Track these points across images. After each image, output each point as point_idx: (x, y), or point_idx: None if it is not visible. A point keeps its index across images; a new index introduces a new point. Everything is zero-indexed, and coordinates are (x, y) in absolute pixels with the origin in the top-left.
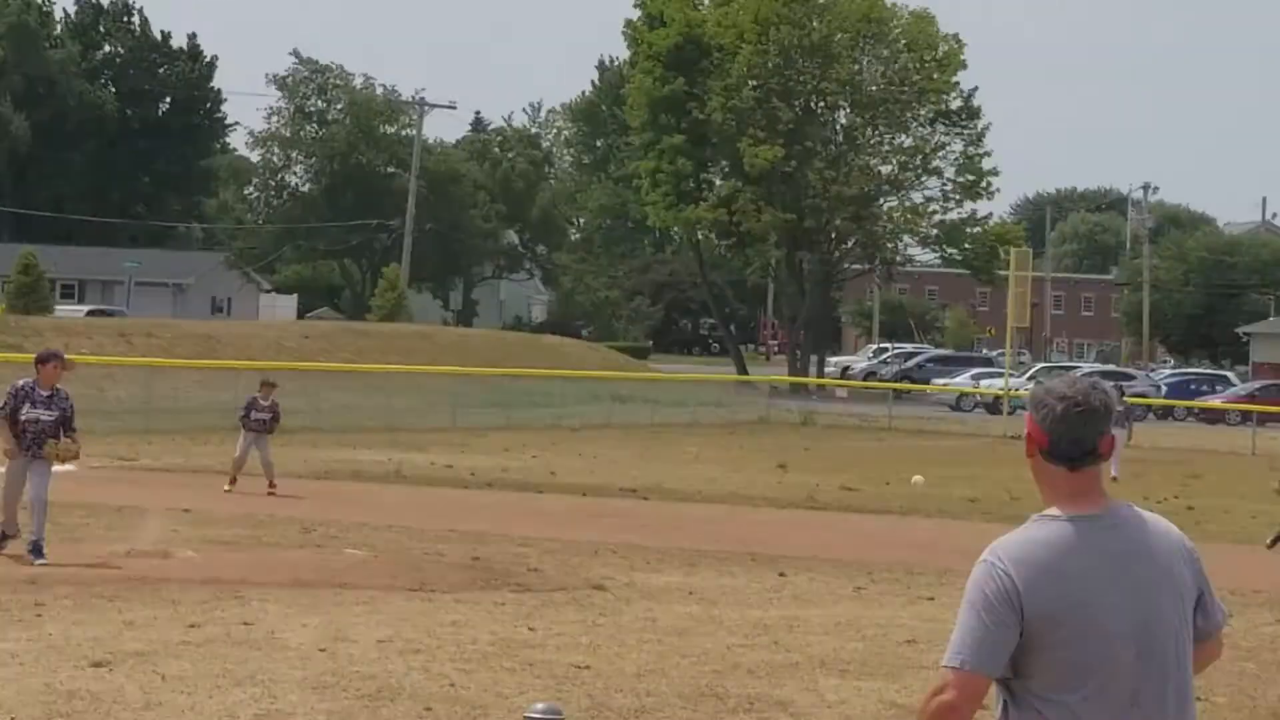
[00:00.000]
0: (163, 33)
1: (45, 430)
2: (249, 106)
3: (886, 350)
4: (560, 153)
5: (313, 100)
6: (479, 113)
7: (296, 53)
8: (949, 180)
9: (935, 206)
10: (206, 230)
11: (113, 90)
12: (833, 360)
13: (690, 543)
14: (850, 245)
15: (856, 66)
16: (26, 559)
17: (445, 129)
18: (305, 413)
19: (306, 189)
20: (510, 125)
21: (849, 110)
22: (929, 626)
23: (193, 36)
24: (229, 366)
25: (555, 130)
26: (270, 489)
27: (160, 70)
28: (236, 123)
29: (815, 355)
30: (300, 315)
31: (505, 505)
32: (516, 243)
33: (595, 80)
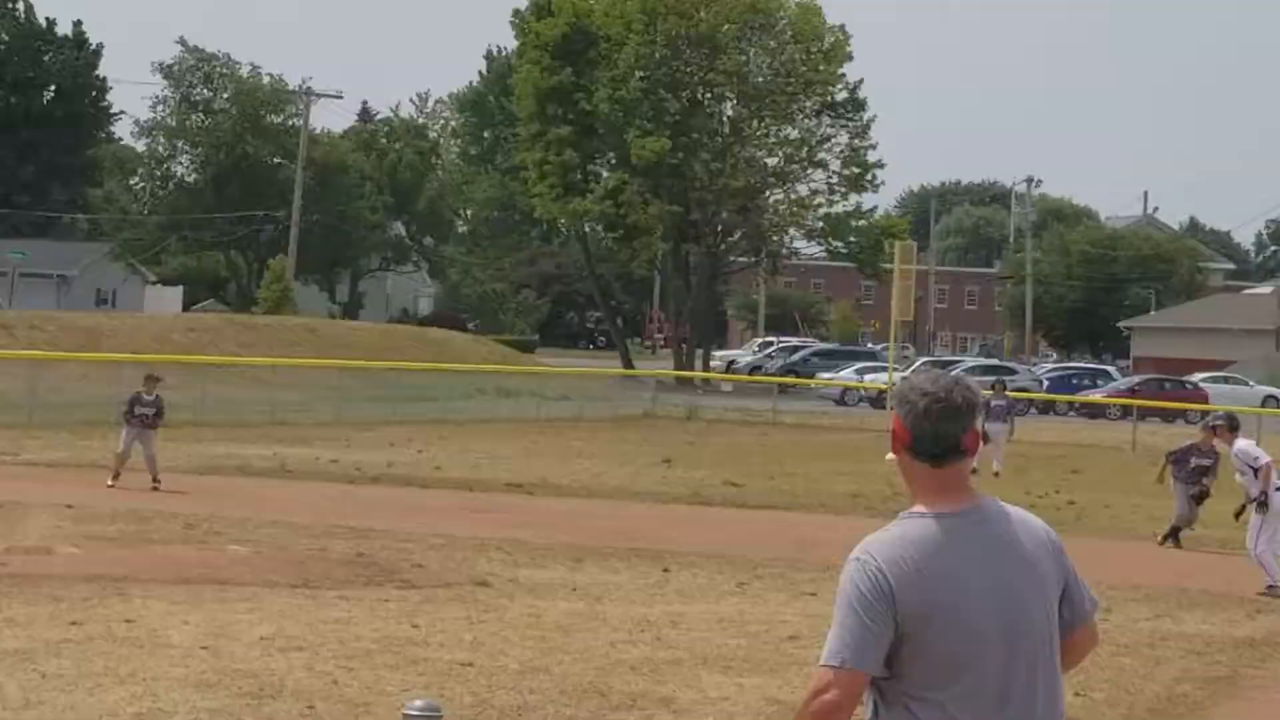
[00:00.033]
0: (47, 20)
1: None
2: (135, 95)
3: (772, 344)
4: (447, 144)
5: (199, 89)
6: (366, 103)
7: (183, 41)
8: (834, 173)
9: (821, 199)
10: (91, 221)
11: None
12: (718, 354)
13: (575, 538)
14: (736, 238)
15: (743, 58)
16: None
17: (332, 119)
18: (190, 407)
19: (192, 179)
20: (397, 116)
21: (735, 102)
22: (811, 622)
23: (78, 24)
24: (114, 360)
25: (442, 121)
26: (154, 484)
27: (44, 58)
28: (122, 112)
29: (701, 349)
30: (186, 308)
31: (390, 501)
32: (403, 234)
33: (483, 70)
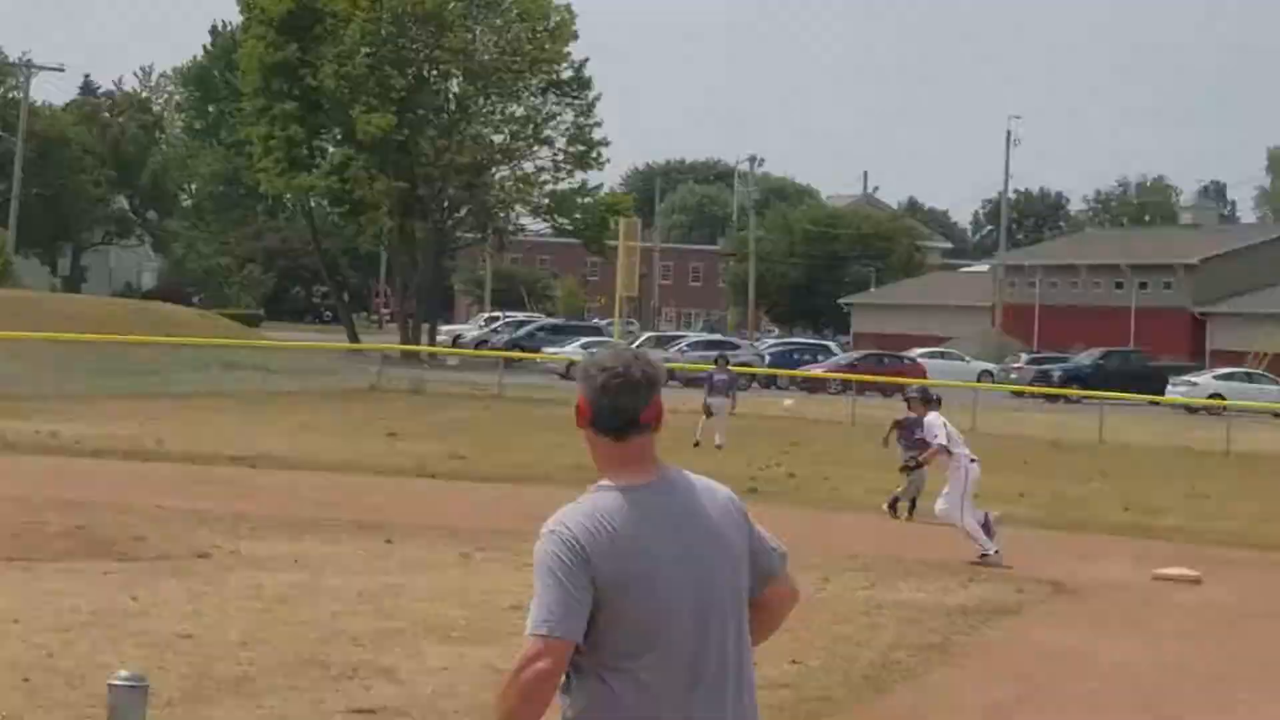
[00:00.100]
0: None
1: None
2: None
3: (498, 319)
4: (172, 118)
5: None
6: (88, 76)
7: None
8: (560, 150)
9: (547, 176)
10: None
11: None
12: (444, 329)
13: (298, 511)
14: (463, 214)
15: (470, 35)
16: None
17: (53, 92)
18: None
19: None
20: (121, 89)
21: (462, 79)
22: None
23: None
24: None
25: (167, 95)
26: None
27: None
28: None
29: (427, 324)
30: None
31: (111, 473)
32: (127, 208)
33: (208, 45)
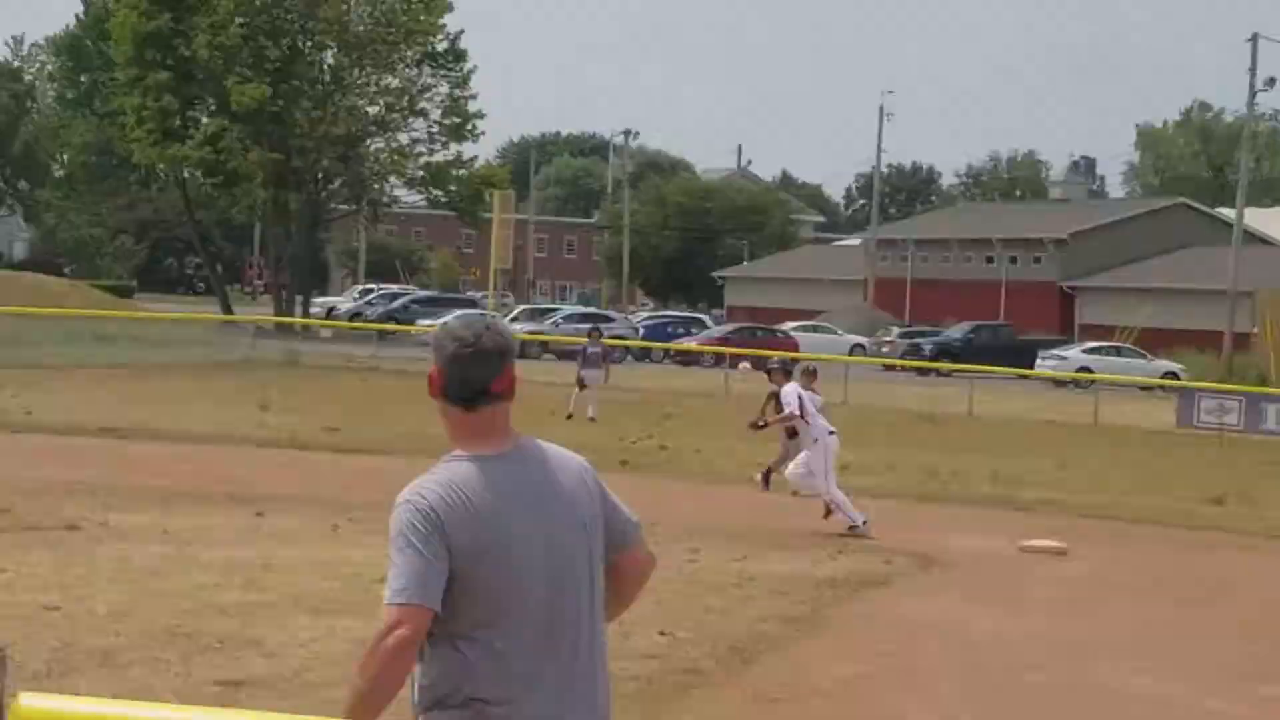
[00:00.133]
0: None
1: None
2: None
3: (372, 291)
4: (44, 87)
5: None
6: None
7: None
8: (435, 122)
9: (421, 148)
10: None
11: None
12: (319, 301)
13: (168, 483)
14: (337, 186)
15: (344, 6)
16: None
17: None
18: None
19: None
20: None
21: (336, 50)
22: None
23: None
24: None
25: (39, 65)
26: None
27: None
28: None
29: (301, 296)
30: None
31: None
32: None
33: (80, 14)
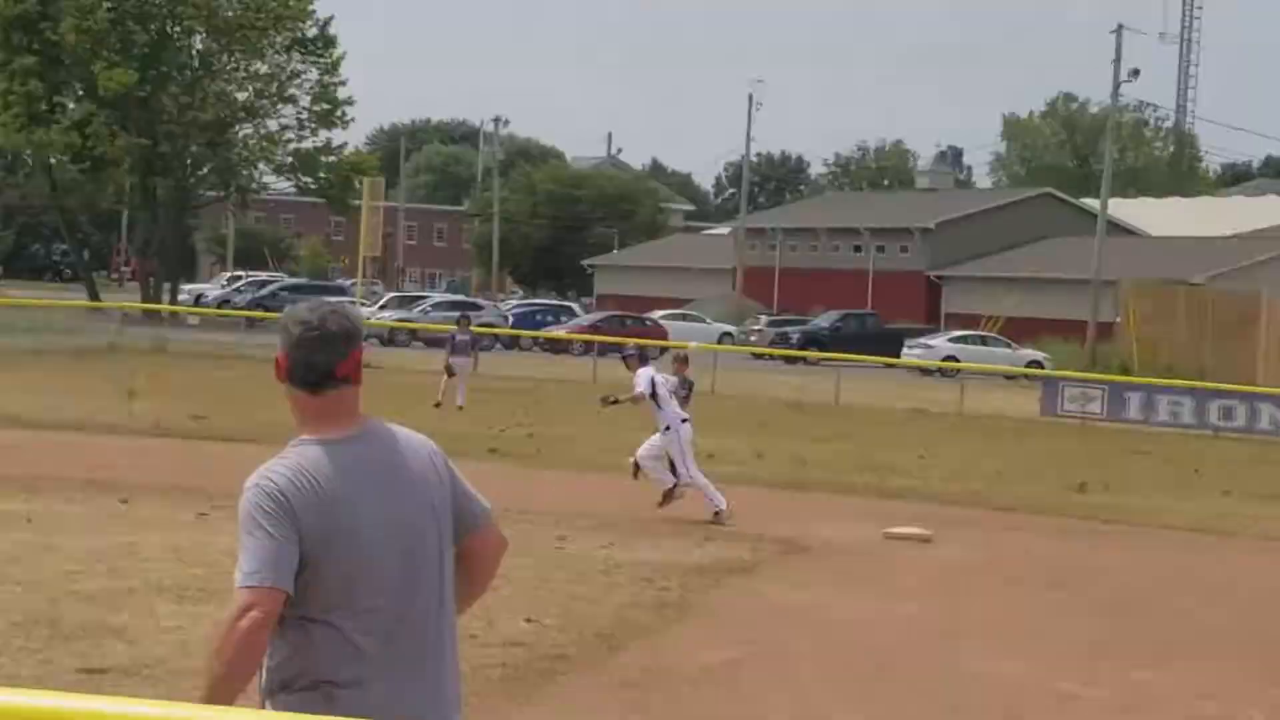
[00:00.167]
0: None
1: None
2: None
3: (240, 278)
4: None
5: None
6: None
7: None
8: (305, 109)
9: (290, 135)
10: None
11: None
12: (186, 288)
13: (32, 470)
14: (205, 172)
15: None
16: None
17: None
18: None
19: None
20: None
21: (205, 35)
22: None
23: None
24: None
25: None
26: None
27: None
28: None
29: (169, 282)
30: None
31: None
32: None
33: None
